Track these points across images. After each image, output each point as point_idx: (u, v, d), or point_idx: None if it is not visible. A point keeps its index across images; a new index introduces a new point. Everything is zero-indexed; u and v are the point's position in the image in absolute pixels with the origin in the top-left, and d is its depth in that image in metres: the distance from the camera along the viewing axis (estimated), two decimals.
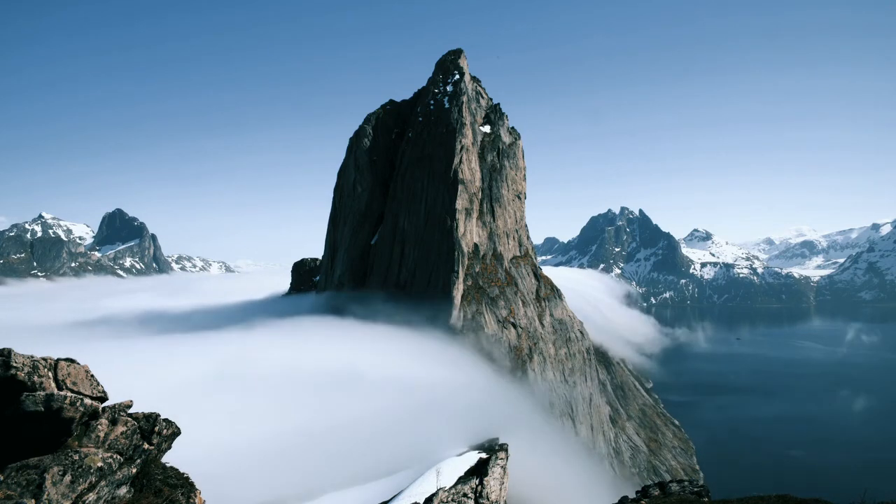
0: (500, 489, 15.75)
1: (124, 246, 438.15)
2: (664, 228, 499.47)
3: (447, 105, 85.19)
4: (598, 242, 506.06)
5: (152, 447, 9.14)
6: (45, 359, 7.94)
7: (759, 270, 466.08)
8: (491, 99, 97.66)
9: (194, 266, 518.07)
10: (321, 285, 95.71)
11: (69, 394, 7.86)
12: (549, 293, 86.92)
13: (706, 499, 19.61)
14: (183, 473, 9.68)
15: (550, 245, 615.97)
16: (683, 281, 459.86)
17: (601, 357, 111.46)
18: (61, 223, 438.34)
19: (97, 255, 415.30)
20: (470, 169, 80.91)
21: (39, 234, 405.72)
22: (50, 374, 7.84)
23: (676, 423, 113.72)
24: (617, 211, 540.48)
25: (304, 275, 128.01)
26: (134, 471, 8.65)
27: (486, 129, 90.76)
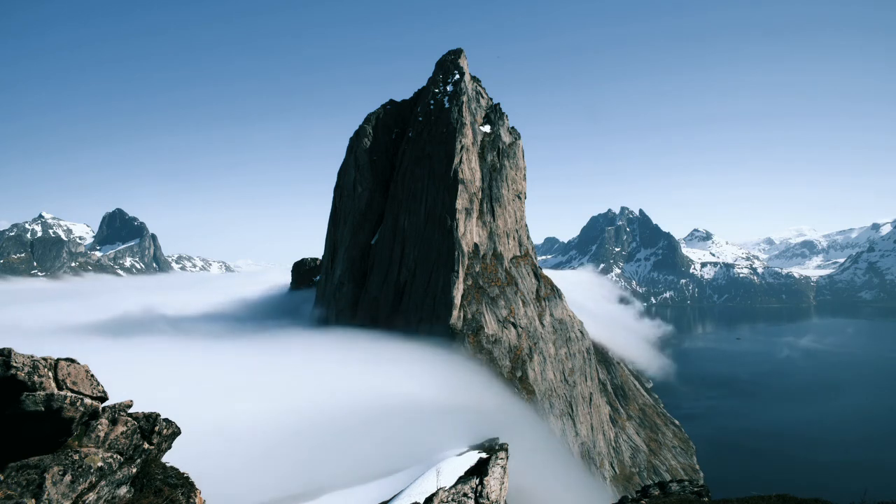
0: (501, 489, 15.75)
1: (124, 246, 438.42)
2: (664, 228, 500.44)
3: (447, 105, 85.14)
4: (599, 242, 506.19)
5: (152, 447, 9.15)
6: (45, 358, 7.94)
7: (760, 270, 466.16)
8: (491, 99, 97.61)
9: (194, 266, 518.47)
10: (321, 285, 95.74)
11: (69, 393, 7.86)
12: (549, 293, 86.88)
13: (706, 499, 19.61)
14: (183, 473, 9.67)
15: (550, 245, 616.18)
16: (683, 281, 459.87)
17: (601, 357, 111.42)
18: (61, 223, 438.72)
19: (97, 254, 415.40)
20: (470, 169, 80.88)
21: (39, 234, 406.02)
22: (50, 374, 7.84)
23: (676, 423, 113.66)
24: (617, 211, 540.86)
25: (304, 274, 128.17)
26: (134, 470, 8.65)
27: (486, 128, 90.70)
